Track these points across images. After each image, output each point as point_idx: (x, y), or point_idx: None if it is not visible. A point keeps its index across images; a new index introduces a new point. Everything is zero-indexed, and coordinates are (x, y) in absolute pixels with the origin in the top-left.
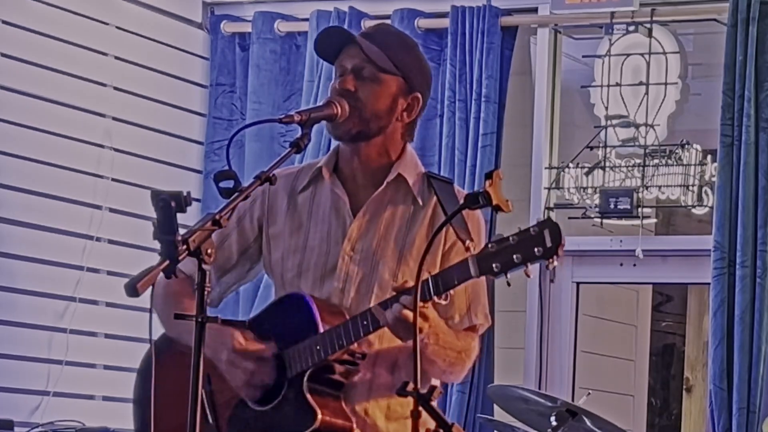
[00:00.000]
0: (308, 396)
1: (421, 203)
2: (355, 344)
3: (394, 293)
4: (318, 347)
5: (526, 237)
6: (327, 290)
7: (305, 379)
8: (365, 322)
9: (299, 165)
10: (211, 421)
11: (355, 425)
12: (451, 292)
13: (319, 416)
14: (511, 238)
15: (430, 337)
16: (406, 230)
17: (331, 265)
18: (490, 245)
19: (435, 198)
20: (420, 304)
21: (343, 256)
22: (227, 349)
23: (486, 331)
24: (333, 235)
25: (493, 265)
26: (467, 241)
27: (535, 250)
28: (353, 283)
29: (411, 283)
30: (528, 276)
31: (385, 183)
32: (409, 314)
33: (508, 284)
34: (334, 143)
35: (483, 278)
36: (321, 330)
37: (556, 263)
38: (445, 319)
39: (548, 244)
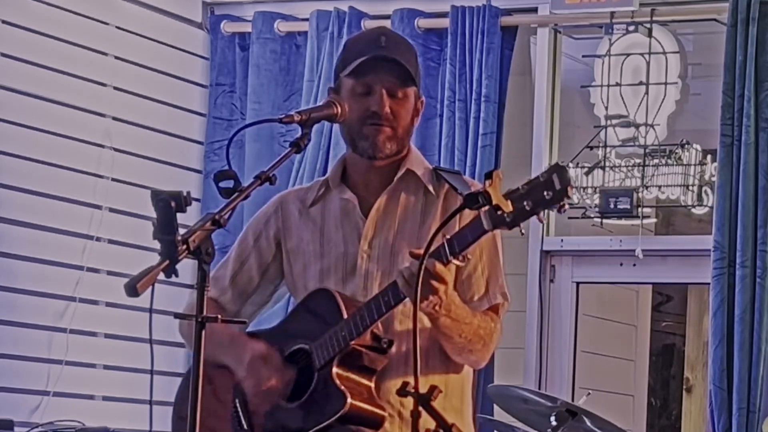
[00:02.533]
0: (336, 380)
1: (433, 193)
2: (381, 329)
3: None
4: (343, 332)
5: (535, 184)
6: (350, 290)
7: (333, 364)
8: (386, 298)
9: (310, 183)
10: (245, 426)
11: (387, 414)
12: (469, 256)
13: (349, 400)
14: (521, 187)
15: (442, 308)
16: (421, 221)
17: (351, 265)
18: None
19: (446, 187)
20: (439, 265)
21: (362, 255)
22: (250, 354)
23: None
24: (348, 238)
25: (505, 215)
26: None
27: (545, 193)
28: (374, 279)
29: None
30: (541, 222)
31: (395, 180)
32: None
33: (522, 233)
34: (339, 141)
35: (499, 257)
36: (345, 317)
37: (567, 207)
38: (465, 302)
39: (557, 187)
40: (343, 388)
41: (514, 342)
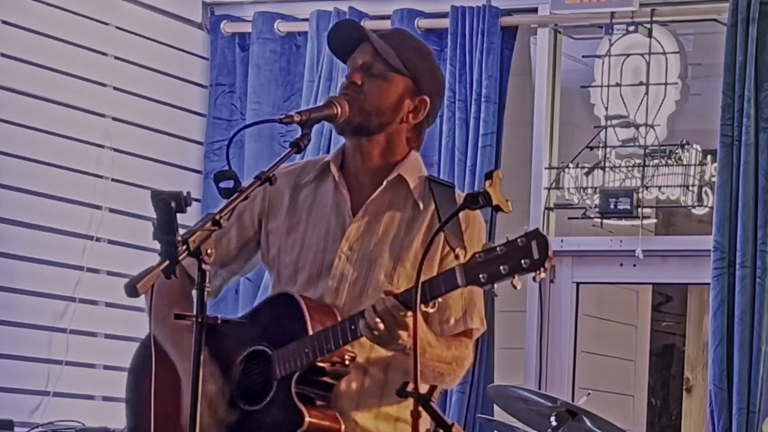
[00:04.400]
0: (296, 399)
1: (421, 207)
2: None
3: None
4: (307, 350)
5: (513, 248)
6: (321, 288)
7: (293, 381)
8: (353, 327)
9: (304, 160)
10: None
11: (343, 427)
12: (439, 300)
13: (307, 419)
14: (498, 249)
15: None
16: (405, 233)
17: (328, 263)
18: (477, 255)
19: (434, 204)
20: (402, 313)
21: (340, 255)
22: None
23: (482, 336)
24: (332, 233)
25: (480, 276)
26: (457, 249)
27: (522, 262)
28: (347, 283)
29: (398, 291)
30: (515, 288)
31: (384, 183)
32: (380, 325)
33: (495, 295)
34: (339, 141)
35: None
36: (310, 332)
37: (543, 275)
38: (440, 323)
39: (535, 256)
40: (301, 407)
41: (514, 342)
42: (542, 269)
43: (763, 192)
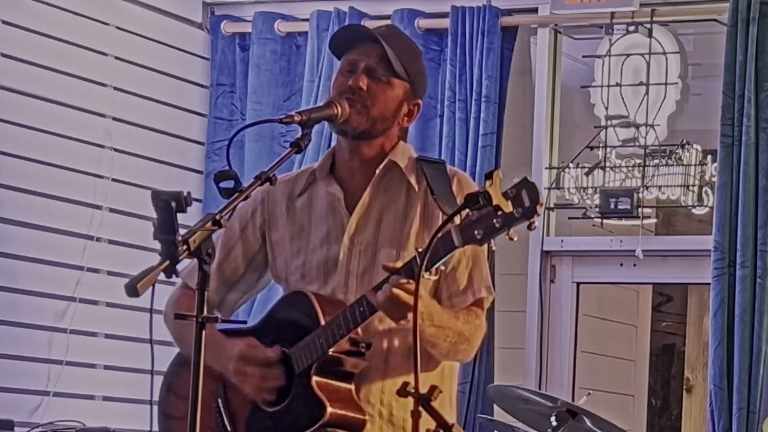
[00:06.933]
0: (316, 389)
1: (415, 188)
2: (360, 333)
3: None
4: (321, 340)
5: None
6: (331, 286)
7: (312, 372)
8: (362, 309)
9: (297, 170)
10: (229, 429)
11: (368, 417)
12: (442, 267)
13: (329, 409)
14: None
15: (424, 319)
16: (403, 217)
17: (333, 261)
18: (470, 213)
19: (425, 181)
20: (406, 281)
21: (344, 250)
22: (233, 360)
23: (490, 307)
24: (332, 233)
25: (475, 232)
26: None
27: (515, 211)
28: (355, 276)
29: (400, 264)
30: (511, 239)
31: (377, 171)
32: (399, 293)
33: (492, 251)
34: (331, 145)
35: (482, 251)
36: (322, 323)
37: (536, 223)
38: (449, 297)
39: (526, 204)
40: (322, 396)
41: (514, 342)
42: (534, 216)
43: (763, 192)
